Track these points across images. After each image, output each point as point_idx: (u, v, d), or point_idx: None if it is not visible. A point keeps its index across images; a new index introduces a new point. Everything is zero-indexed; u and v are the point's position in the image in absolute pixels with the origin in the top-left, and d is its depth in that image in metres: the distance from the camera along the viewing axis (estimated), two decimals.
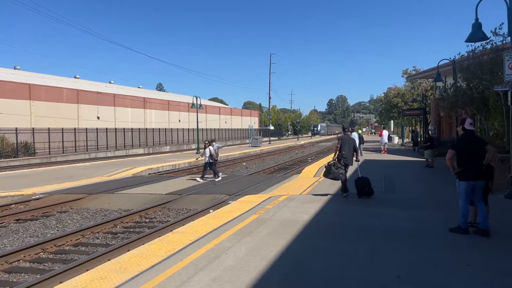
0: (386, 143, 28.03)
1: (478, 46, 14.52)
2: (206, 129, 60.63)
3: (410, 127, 45.72)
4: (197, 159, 19.42)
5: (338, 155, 10.45)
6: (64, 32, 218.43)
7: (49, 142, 34.70)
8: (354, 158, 10.66)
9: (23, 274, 6.55)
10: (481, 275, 4.78)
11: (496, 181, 9.82)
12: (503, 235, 6.44)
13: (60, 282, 5.21)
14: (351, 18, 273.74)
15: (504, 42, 12.88)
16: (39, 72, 48.55)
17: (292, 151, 40.11)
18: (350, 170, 11.64)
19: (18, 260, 7.15)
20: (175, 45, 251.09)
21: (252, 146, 43.94)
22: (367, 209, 8.93)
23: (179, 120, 59.94)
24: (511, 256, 5.46)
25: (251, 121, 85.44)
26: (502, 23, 12.83)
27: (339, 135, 11.16)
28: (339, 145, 10.47)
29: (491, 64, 13.17)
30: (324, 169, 10.70)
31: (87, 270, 5.52)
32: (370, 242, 6.27)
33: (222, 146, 15.69)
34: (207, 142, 16.38)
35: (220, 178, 15.87)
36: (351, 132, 13.86)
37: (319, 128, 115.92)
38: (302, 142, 57.49)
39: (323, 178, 14.76)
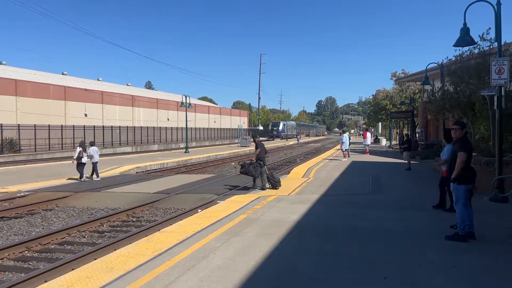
0: (369, 144, 29.27)
1: (466, 51, 14.71)
2: (195, 128, 60.40)
3: (398, 130, 46.16)
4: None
5: (258, 157, 12.60)
6: (51, 28, 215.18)
7: (35, 139, 34.23)
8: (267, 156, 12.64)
9: (7, 273, 6.45)
10: (466, 275, 4.85)
11: (481, 184, 10.00)
12: (488, 237, 6.53)
13: (45, 281, 5.14)
14: (342, 19, 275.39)
15: (491, 47, 13.06)
16: (26, 68, 47.81)
17: (281, 152, 40.18)
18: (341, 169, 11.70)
19: (2, 259, 7.05)
20: (164, 43, 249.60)
21: (241, 146, 43.93)
22: (355, 210, 8.99)
23: (168, 119, 59.61)
24: (495, 257, 5.54)
25: (241, 121, 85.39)
26: (489, 28, 13.04)
27: (256, 140, 13.13)
28: (259, 149, 12.68)
29: (478, 69, 13.35)
30: (241, 167, 12.63)
31: (72, 269, 5.45)
32: (358, 243, 6.31)
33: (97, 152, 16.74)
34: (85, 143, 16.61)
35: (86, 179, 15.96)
36: (341, 134, 15.20)
37: (280, 127, 79.83)
38: (291, 143, 57.61)
39: (312, 178, 14.87)
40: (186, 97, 34.32)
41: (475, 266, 5.19)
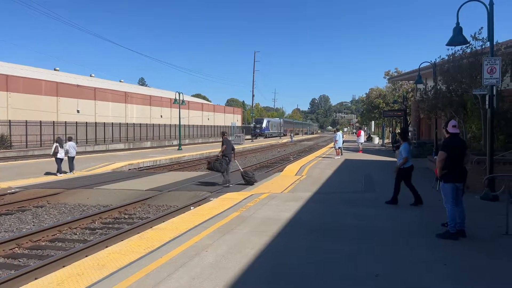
0: (362, 143, 29.55)
1: (458, 50, 14.76)
2: (189, 125, 60.22)
3: (391, 128, 46.41)
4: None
5: (223, 153, 13.03)
6: (43, 23, 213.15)
7: (26, 135, 33.91)
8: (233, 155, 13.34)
9: None
10: (456, 273, 4.89)
11: (472, 182, 10.10)
12: (478, 236, 6.59)
13: (36, 278, 5.10)
14: (337, 18, 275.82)
15: (483, 46, 13.12)
16: (17, 63, 47.30)
17: (274, 149, 40.22)
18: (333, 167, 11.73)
19: None
20: (158, 39, 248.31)
21: (235, 144, 43.79)
22: (348, 208, 9.02)
23: (161, 116, 59.35)
24: (485, 256, 5.60)
25: (234, 119, 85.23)
26: (482, 28, 13.09)
27: (223, 137, 13.46)
28: (225, 146, 13.09)
29: (470, 68, 13.42)
30: (208, 164, 13.21)
31: (63, 267, 5.41)
32: (350, 240, 6.34)
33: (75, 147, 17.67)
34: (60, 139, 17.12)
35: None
36: (335, 132, 15.48)
37: (264, 124, 73.11)
38: (285, 141, 57.69)
39: (304, 176, 14.90)
40: (179, 94, 34.19)
41: (466, 264, 5.24)
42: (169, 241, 6.27)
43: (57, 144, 16.35)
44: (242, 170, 13.61)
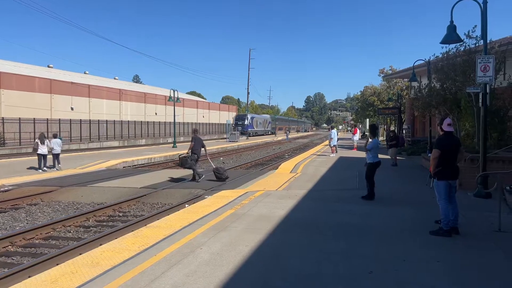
0: (357, 140, 29.61)
1: (452, 48, 14.84)
2: (184, 123, 60.05)
3: (385, 126, 46.55)
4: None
5: (192, 150, 13.41)
6: (36, 20, 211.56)
7: (20, 132, 33.65)
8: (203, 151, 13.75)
9: None
10: (449, 270, 4.92)
11: (466, 180, 10.17)
12: (471, 233, 6.63)
13: (29, 277, 5.08)
14: (332, 16, 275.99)
15: (477, 44, 13.19)
16: (10, 60, 46.89)
17: (269, 147, 40.24)
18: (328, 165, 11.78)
19: None
20: (152, 37, 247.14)
21: (230, 141, 43.83)
22: (342, 205, 9.05)
23: (156, 113, 59.10)
24: (478, 252, 5.64)
25: (229, 116, 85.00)
26: (475, 26, 13.14)
27: (194, 134, 13.92)
28: (193, 143, 13.49)
29: (464, 66, 13.49)
30: (180, 160, 13.57)
31: (57, 264, 5.38)
32: (345, 238, 6.36)
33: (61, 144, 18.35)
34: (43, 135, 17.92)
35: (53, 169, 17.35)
36: (330, 129, 15.73)
37: (247, 121, 63.84)
38: (279, 138, 57.74)
39: (299, 174, 14.92)
40: (174, 91, 34.06)
41: (459, 261, 5.28)
42: (164, 238, 6.26)
43: (37, 140, 17.17)
44: (214, 167, 14.07)
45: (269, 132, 75.28)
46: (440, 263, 5.17)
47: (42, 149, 17.07)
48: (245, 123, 63.57)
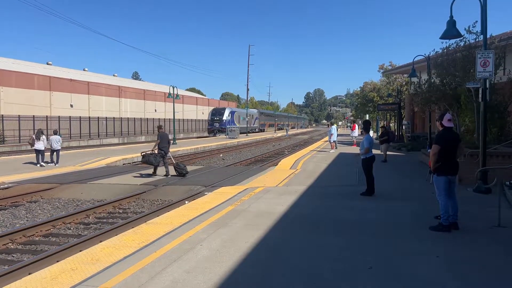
0: (356, 136, 29.77)
1: (452, 43, 14.80)
2: (183, 119, 60.04)
3: (385, 122, 46.52)
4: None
5: (159, 147, 13.81)
6: (35, 17, 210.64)
7: (19, 130, 33.66)
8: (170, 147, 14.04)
9: None
10: (448, 265, 4.92)
11: (465, 175, 10.17)
12: (471, 228, 6.64)
13: (29, 273, 5.07)
14: (331, 12, 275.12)
15: (477, 40, 13.14)
16: (9, 57, 46.78)
17: (269, 143, 40.24)
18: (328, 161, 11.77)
19: None
20: (152, 33, 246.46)
21: (230, 138, 43.78)
22: (342, 201, 9.06)
23: (155, 110, 59.11)
24: (477, 248, 5.64)
25: None
26: (476, 21, 13.08)
27: (159, 131, 14.41)
28: (159, 140, 13.88)
29: (464, 61, 13.46)
30: (142, 157, 13.81)
31: (57, 261, 5.39)
32: (344, 233, 6.37)
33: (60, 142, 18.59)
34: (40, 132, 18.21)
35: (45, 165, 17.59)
36: (330, 125, 16.23)
37: (225, 117, 52.27)
38: (279, 135, 57.74)
39: (299, 170, 14.93)
40: (173, 88, 34.04)
41: (458, 256, 5.28)
42: (164, 235, 6.26)
43: (33, 136, 17.72)
44: (174, 162, 14.53)
45: (256, 130, 65.69)
46: (439, 258, 5.17)
47: (38, 145, 17.46)
48: (223, 118, 52.02)
